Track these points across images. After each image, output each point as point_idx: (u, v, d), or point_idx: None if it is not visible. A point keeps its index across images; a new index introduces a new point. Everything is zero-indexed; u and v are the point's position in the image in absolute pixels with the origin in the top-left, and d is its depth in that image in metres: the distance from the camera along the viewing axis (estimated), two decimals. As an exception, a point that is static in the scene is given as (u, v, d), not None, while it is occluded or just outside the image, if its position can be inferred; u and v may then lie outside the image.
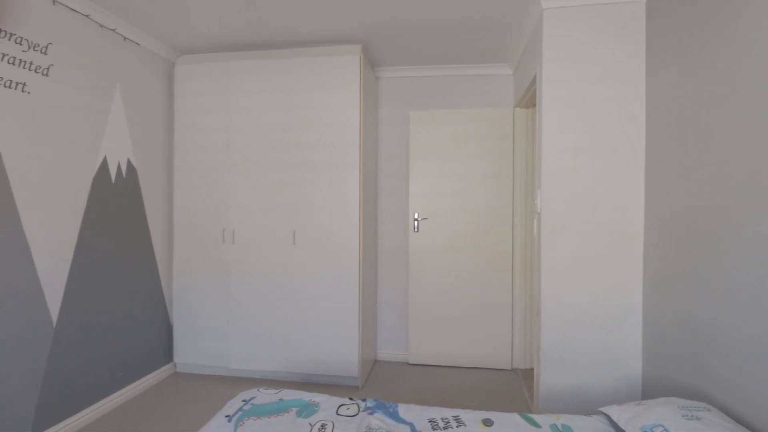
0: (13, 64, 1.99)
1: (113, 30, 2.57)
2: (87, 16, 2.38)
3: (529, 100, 2.87)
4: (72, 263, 2.31)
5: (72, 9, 2.29)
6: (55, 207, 2.22)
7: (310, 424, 1.60)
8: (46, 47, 2.15)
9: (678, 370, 1.82)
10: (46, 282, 2.16)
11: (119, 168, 2.65)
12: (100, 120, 2.50)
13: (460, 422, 1.60)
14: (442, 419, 1.63)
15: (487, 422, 1.60)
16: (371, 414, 1.68)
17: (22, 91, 2.04)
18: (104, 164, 2.53)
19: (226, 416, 1.66)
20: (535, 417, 1.64)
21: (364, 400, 1.80)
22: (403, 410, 1.71)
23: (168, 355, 3.10)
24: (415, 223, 3.27)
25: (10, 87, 1.98)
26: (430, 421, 1.62)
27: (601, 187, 2.20)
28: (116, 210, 2.63)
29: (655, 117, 2.07)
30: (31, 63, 2.07)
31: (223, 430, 1.56)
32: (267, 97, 2.93)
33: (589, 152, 2.21)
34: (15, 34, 1.99)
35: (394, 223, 3.42)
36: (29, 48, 2.06)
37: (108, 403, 2.52)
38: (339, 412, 1.70)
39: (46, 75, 2.16)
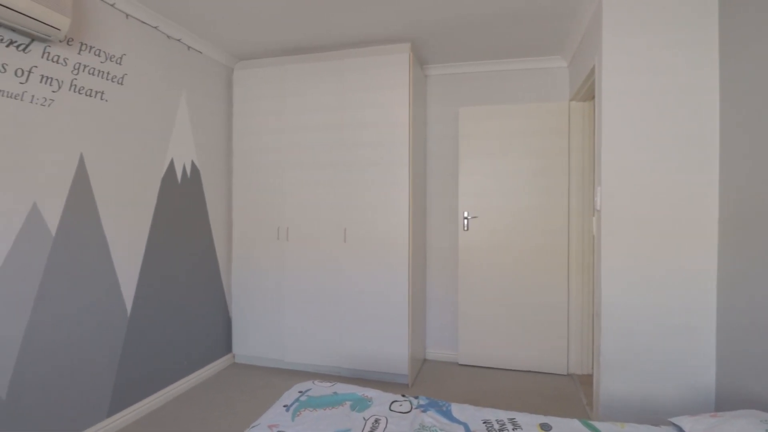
0: (93, 74, 2.18)
1: (178, 40, 2.74)
2: (156, 27, 2.55)
3: (586, 92, 2.74)
4: (143, 258, 2.50)
5: (143, 22, 2.47)
6: (128, 205, 2.41)
7: (364, 419, 1.62)
8: (121, 58, 2.34)
9: (758, 380, 1.67)
10: (121, 274, 2.35)
11: (184, 169, 2.82)
12: (167, 125, 2.68)
13: (516, 425, 1.56)
14: (497, 421, 1.59)
15: (545, 427, 1.55)
16: (424, 412, 1.67)
17: (101, 99, 2.23)
18: (171, 166, 2.71)
19: (284, 406, 1.72)
20: (597, 424, 1.56)
21: (416, 397, 1.80)
22: (457, 410, 1.69)
23: (227, 347, 3.26)
24: (465, 221, 3.22)
25: (90, 96, 2.17)
26: (484, 422, 1.59)
27: (669, 182, 2.05)
28: (181, 209, 2.80)
29: (730, 107, 1.90)
30: (108, 73, 2.26)
31: (281, 418, 1.62)
32: (319, 99, 3.01)
33: (655, 146, 2.07)
34: (94, 47, 2.18)
35: (443, 221, 3.39)
36: (106, 59, 2.25)
37: (174, 390, 2.70)
38: (392, 408, 1.71)
39: (121, 84, 2.34)
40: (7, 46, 1.80)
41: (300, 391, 1.84)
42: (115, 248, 2.31)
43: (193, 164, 2.90)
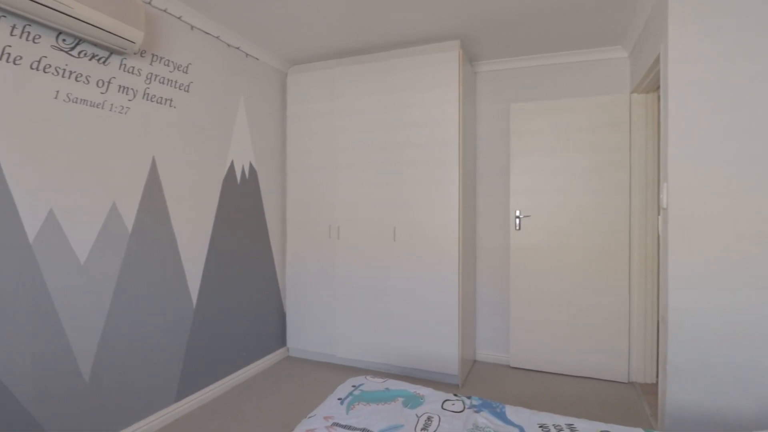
0: (163, 83, 2.35)
1: (237, 48, 2.89)
2: (217, 37, 2.71)
3: (650, 83, 2.58)
4: (207, 254, 2.66)
5: (206, 32, 2.63)
6: (194, 205, 2.57)
7: (417, 415, 1.63)
8: (187, 67, 2.50)
9: None
10: (188, 269, 2.52)
11: (243, 170, 2.97)
12: (227, 128, 2.84)
13: (574, 431, 1.51)
14: (555, 426, 1.54)
15: (607, 434, 1.48)
16: (477, 412, 1.66)
17: (170, 106, 2.40)
18: (231, 167, 2.86)
19: (338, 399, 1.77)
20: (665, 434, 1.48)
21: (469, 397, 1.78)
22: (511, 412, 1.66)
23: (282, 340, 3.40)
24: (517, 220, 3.14)
25: (160, 103, 2.34)
26: (540, 426, 1.54)
27: (743, 177, 1.89)
28: (240, 208, 2.95)
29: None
30: (175, 81, 2.43)
31: (336, 411, 1.67)
32: (368, 100, 3.05)
33: (727, 138, 1.91)
34: (164, 58, 2.35)
35: (494, 220, 3.32)
36: (174, 69, 2.42)
37: (234, 379, 2.85)
38: (444, 407, 1.70)
39: (187, 91, 2.51)
40: (90, 59, 1.98)
41: (353, 386, 1.89)
42: (182, 244, 2.48)
43: (251, 165, 3.05)
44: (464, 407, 1.70)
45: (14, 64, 1.70)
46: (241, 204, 2.97)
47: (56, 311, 1.85)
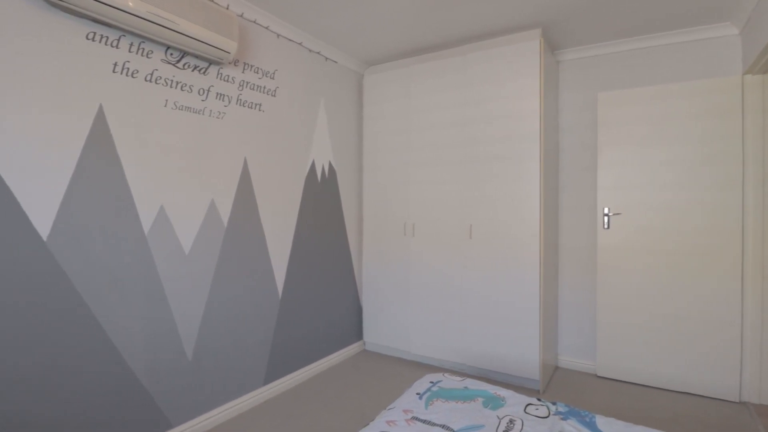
0: (253, 89, 2.53)
1: (318, 53, 3.02)
2: (300, 44, 2.85)
3: (767, 63, 2.26)
4: (291, 248, 2.82)
5: (290, 39, 2.78)
6: (280, 202, 2.74)
7: (498, 417, 1.59)
8: (274, 73, 2.67)
9: None
10: (274, 262, 2.70)
11: (323, 169, 3.11)
12: (309, 130, 2.99)
13: (678, 448, 1.37)
14: (654, 440, 1.42)
15: (719, 455, 1.32)
16: (564, 419, 1.57)
17: (259, 110, 2.58)
18: (312, 167, 3.01)
19: (417, 393, 1.78)
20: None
21: (554, 403, 1.70)
22: (602, 422, 1.55)
23: (358, 334, 3.50)
24: (605, 218, 2.92)
25: (251, 108, 2.52)
26: (637, 440, 1.43)
27: None
28: (320, 205, 3.09)
29: None
30: (264, 87, 2.60)
31: (415, 405, 1.68)
32: (443, 96, 3.03)
33: None
34: (254, 65, 2.53)
35: (579, 218, 3.12)
36: (263, 75, 2.59)
37: (315, 368, 2.99)
38: (527, 411, 1.64)
39: (274, 96, 2.68)
40: (192, 70, 2.19)
41: (431, 382, 1.89)
42: (270, 239, 2.66)
43: (330, 164, 3.18)
44: (549, 413, 1.62)
45: (132, 77, 1.94)
46: (321, 201, 3.10)
47: (166, 297, 2.08)
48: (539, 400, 1.73)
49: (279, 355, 2.72)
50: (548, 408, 1.66)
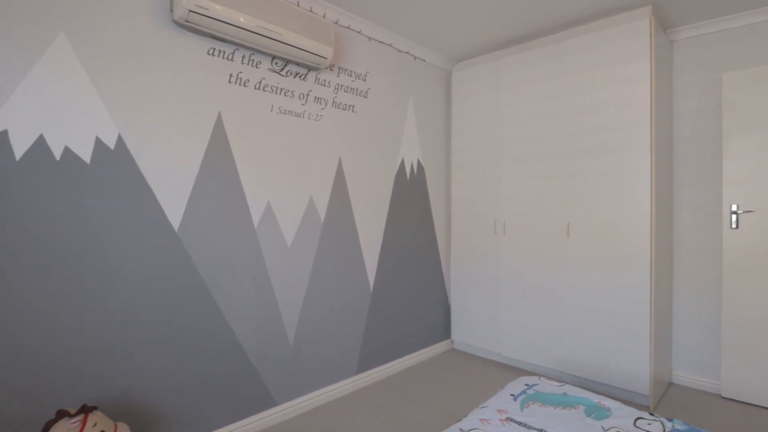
0: (347, 92, 2.65)
1: (407, 52, 3.07)
2: (389, 45, 2.92)
3: None
4: (381, 244, 2.91)
5: (380, 42, 2.86)
6: (371, 199, 2.84)
7: (603, 428, 1.48)
8: (365, 75, 2.77)
9: None
10: (366, 257, 2.80)
11: (412, 167, 3.15)
12: (398, 128, 3.05)
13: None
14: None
15: None
16: (682, 437, 1.41)
17: (352, 112, 2.69)
18: (402, 165, 3.07)
19: (511, 395, 1.72)
20: None
21: (670, 419, 1.53)
22: (732, 445, 1.36)
23: (446, 332, 3.48)
24: (734, 216, 2.54)
25: (345, 109, 2.65)
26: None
27: None
28: (409, 202, 3.14)
29: None
30: (356, 89, 2.71)
31: (509, 406, 1.63)
32: (536, 87, 2.88)
33: None
34: (347, 69, 2.65)
35: (699, 216, 2.75)
36: (356, 78, 2.70)
37: (403, 362, 3.04)
38: (637, 425, 1.50)
39: (366, 97, 2.78)
40: (294, 77, 2.36)
41: (526, 384, 1.82)
42: (362, 234, 2.77)
43: (418, 162, 3.21)
44: (664, 430, 1.47)
45: (243, 86, 2.15)
46: (410, 198, 3.15)
47: (272, 285, 2.27)
48: (651, 414, 1.57)
49: (370, 347, 2.81)
50: (663, 425, 1.50)
